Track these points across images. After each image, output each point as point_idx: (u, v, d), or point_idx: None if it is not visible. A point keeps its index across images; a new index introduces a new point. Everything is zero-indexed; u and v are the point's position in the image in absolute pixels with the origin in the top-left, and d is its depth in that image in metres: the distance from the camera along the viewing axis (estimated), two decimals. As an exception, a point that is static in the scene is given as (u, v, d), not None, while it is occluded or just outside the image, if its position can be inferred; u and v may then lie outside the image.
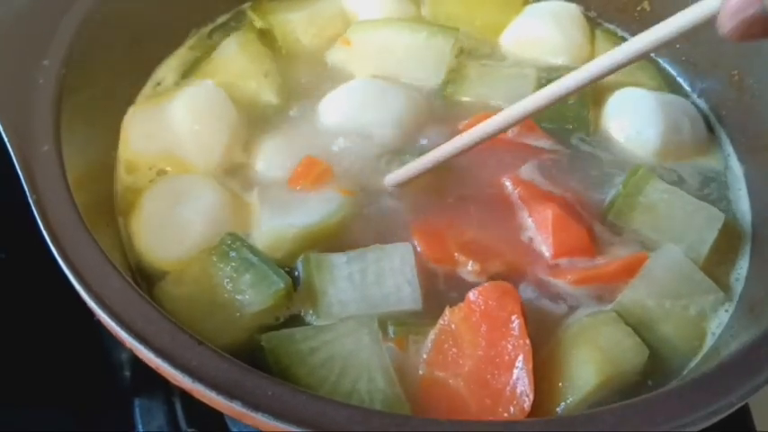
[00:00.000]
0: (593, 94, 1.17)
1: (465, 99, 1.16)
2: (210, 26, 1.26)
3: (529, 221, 1.02)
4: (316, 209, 0.98)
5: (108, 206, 0.99)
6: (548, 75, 1.18)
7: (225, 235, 0.93)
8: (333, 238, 0.97)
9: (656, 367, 0.89)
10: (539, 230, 1.00)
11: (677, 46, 1.26)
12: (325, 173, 1.02)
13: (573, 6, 1.31)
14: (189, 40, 1.22)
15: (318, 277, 0.91)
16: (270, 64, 1.18)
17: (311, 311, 0.89)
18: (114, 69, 1.07)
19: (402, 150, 1.07)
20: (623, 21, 1.32)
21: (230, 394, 0.68)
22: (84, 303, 0.78)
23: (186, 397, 1.06)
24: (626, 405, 0.73)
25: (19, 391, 1.05)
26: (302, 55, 1.22)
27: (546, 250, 0.99)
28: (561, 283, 0.96)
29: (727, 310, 0.95)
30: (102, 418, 1.08)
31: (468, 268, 0.95)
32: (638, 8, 1.29)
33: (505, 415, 0.81)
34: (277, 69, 1.18)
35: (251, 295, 0.88)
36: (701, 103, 1.24)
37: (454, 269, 0.96)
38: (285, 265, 0.93)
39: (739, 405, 0.73)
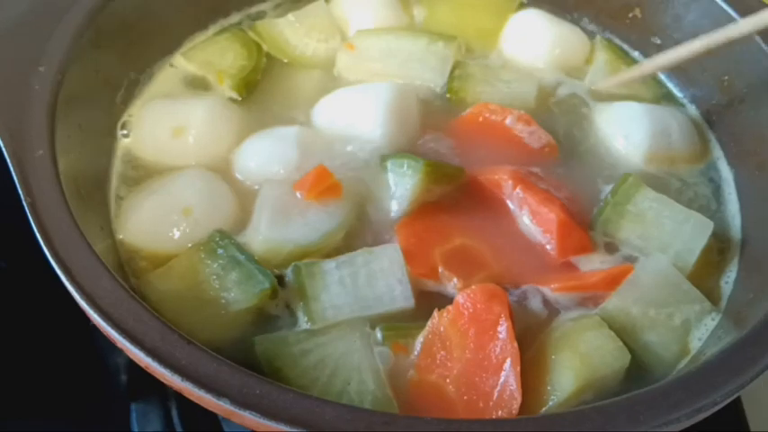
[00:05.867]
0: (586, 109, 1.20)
1: (469, 98, 1.18)
2: (208, 32, 1.27)
3: (528, 221, 1.02)
4: (316, 225, 0.98)
5: (101, 204, 1.00)
6: (548, 78, 1.22)
7: (213, 232, 0.94)
8: (326, 252, 0.97)
9: (638, 374, 0.89)
10: (542, 232, 1.01)
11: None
12: (335, 188, 1.00)
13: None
14: (185, 46, 1.23)
15: (311, 284, 0.91)
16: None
17: (305, 318, 0.90)
18: (109, 75, 1.09)
19: (396, 149, 1.07)
20: (616, 27, 1.33)
21: (219, 392, 0.69)
22: (80, 309, 0.79)
23: (182, 401, 1.07)
24: (613, 403, 0.74)
25: (17, 397, 1.06)
26: (303, 62, 1.24)
27: (549, 249, 1.00)
28: (546, 289, 0.97)
29: (713, 319, 0.95)
30: (100, 422, 1.09)
31: (453, 284, 0.95)
32: (630, 15, 1.30)
33: (493, 417, 0.81)
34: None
35: (236, 293, 0.89)
36: (692, 108, 1.25)
37: (438, 284, 0.96)
38: (274, 270, 0.93)
39: (723, 404, 0.74)
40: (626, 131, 1.14)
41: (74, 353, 1.11)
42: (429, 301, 0.92)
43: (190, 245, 0.95)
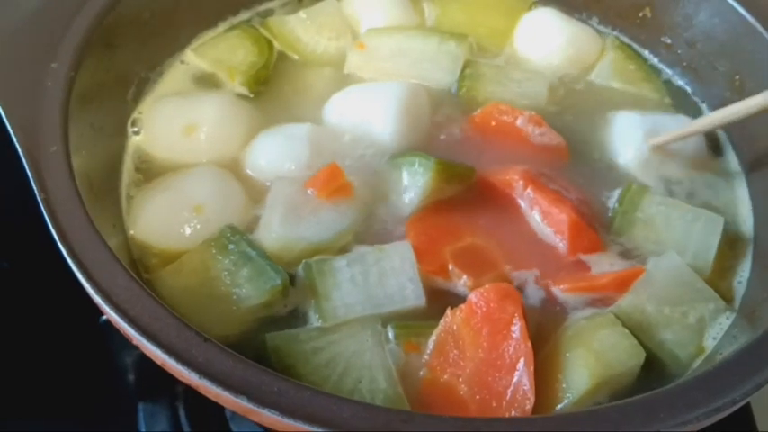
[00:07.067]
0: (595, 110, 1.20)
1: (480, 97, 1.17)
2: (218, 29, 1.27)
3: (539, 221, 1.02)
4: (328, 224, 0.98)
5: (113, 201, 1.00)
6: (559, 78, 1.23)
7: (224, 227, 0.94)
8: (336, 249, 0.97)
9: (653, 373, 0.89)
10: (553, 233, 1.01)
11: (678, 52, 1.27)
12: (345, 188, 1.00)
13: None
14: (195, 44, 1.23)
15: (322, 282, 0.91)
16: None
17: (317, 316, 0.90)
18: (121, 72, 1.09)
19: (407, 148, 1.07)
20: (626, 27, 1.33)
21: (237, 390, 0.69)
22: (87, 309, 0.80)
23: (190, 401, 1.08)
24: (629, 402, 0.74)
25: (24, 397, 1.06)
26: (313, 60, 1.24)
27: (559, 250, 1.00)
28: (556, 289, 0.97)
29: (728, 318, 0.95)
30: (107, 422, 1.09)
31: (462, 281, 0.94)
32: (640, 14, 1.30)
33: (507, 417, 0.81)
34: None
35: (248, 289, 0.89)
36: (704, 108, 1.25)
37: (448, 281, 0.96)
38: (286, 267, 0.93)
39: (742, 403, 0.74)
40: (630, 146, 1.13)
41: (80, 352, 1.11)
42: (440, 299, 0.92)
43: (202, 240, 0.95)
